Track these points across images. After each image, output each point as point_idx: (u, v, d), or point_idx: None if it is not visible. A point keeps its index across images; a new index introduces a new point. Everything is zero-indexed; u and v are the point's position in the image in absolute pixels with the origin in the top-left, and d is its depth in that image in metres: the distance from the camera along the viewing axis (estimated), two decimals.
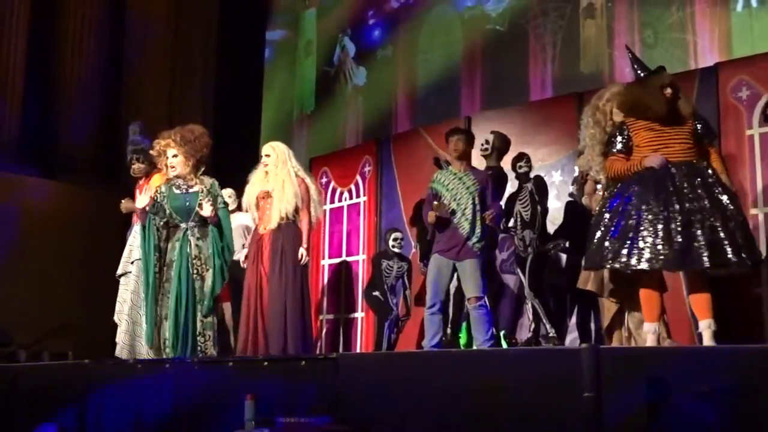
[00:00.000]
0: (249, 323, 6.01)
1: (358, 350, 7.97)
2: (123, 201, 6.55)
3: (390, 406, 3.91)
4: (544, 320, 6.21)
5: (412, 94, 10.20)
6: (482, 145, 6.66)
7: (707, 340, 4.30)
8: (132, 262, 6.36)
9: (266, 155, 6.26)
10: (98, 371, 5.64)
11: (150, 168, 6.59)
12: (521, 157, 6.56)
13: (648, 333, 4.45)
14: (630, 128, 4.61)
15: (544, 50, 8.95)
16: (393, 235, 7.51)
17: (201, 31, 11.92)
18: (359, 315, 8.22)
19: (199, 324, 5.81)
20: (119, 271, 6.47)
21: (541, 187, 6.46)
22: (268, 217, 6.13)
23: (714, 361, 3.13)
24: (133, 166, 6.65)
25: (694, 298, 4.43)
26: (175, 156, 5.92)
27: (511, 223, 6.48)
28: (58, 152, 10.44)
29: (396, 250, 7.45)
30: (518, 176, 6.54)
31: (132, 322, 6.20)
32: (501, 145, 6.73)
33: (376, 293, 7.40)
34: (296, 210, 6.12)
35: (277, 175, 6.17)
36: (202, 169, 6.05)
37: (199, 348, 5.73)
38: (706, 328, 4.32)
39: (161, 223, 5.94)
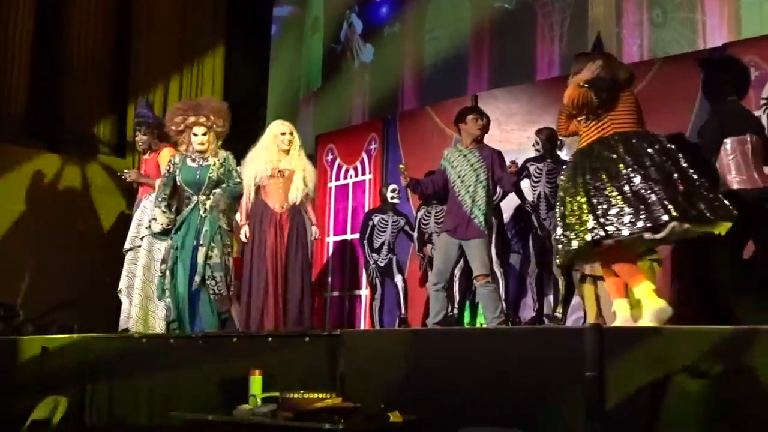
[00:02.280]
0: (266, 300, 5.97)
1: (362, 327, 8.01)
2: (127, 171, 6.64)
3: (393, 382, 3.93)
4: (559, 299, 6.23)
5: (419, 72, 10.16)
6: None
7: (619, 321, 4.17)
8: (142, 237, 6.39)
9: (290, 133, 6.22)
10: (103, 345, 5.67)
11: (152, 140, 6.65)
12: (540, 135, 6.56)
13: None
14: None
15: (552, 29, 8.90)
16: (390, 187, 7.51)
17: (209, 7, 11.86)
18: (363, 292, 8.25)
19: (207, 269, 5.76)
20: (127, 246, 6.51)
21: None
22: (282, 196, 6.10)
23: (716, 341, 3.14)
24: (136, 138, 6.80)
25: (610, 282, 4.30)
26: (204, 134, 5.95)
27: (530, 198, 6.47)
28: (65, 126, 10.43)
29: (395, 201, 7.46)
30: (543, 153, 6.52)
31: (145, 297, 6.24)
32: None
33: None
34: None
35: (298, 157, 6.21)
36: (219, 143, 6.10)
37: (211, 290, 5.74)
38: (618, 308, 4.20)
39: (168, 193, 5.96)
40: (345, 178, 8.77)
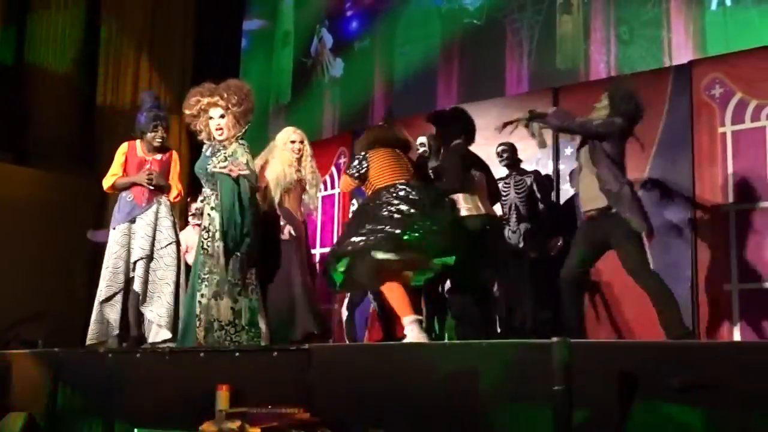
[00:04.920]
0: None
1: (332, 341, 7.97)
2: (153, 174, 5.90)
3: (363, 397, 3.92)
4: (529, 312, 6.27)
5: (389, 87, 10.20)
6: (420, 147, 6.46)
7: (416, 335, 4.74)
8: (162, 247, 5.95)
9: (300, 141, 5.93)
10: (68, 360, 5.59)
11: (167, 137, 6.17)
12: (504, 149, 6.61)
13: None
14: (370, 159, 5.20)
15: (520, 45, 8.99)
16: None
17: (178, 20, 11.82)
18: (333, 306, 8.22)
19: (197, 305, 5.14)
20: (141, 255, 5.90)
21: (541, 182, 6.51)
22: (299, 206, 5.83)
23: (683, 356, 3.17)
24: (155, 133, 6.01)
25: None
26: (222, 117, 5.28)
27: (500, 212, 6.51)
28: (31, 138, 10.33)
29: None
30: (509, 167, 6.59)
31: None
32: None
33: None
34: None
35: (311, 167, 5.91)
36: (242, 132, 5.42)
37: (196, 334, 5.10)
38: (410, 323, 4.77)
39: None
40: None
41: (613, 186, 4.91)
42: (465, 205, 5.60)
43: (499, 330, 6.41)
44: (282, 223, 5.56)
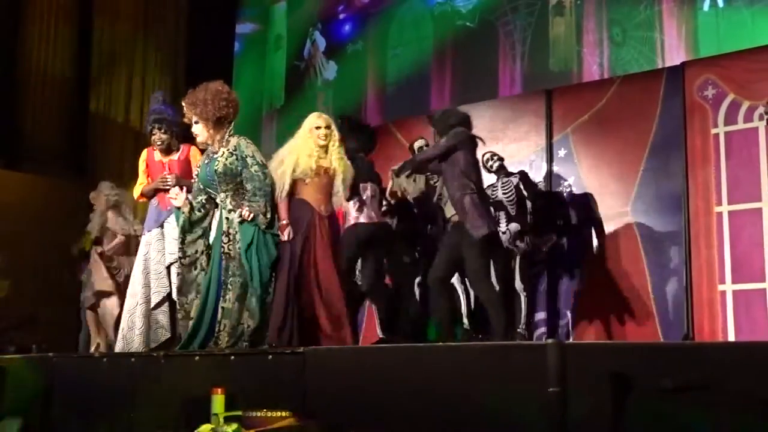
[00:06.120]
0: (317, 311, 5.19)
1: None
2: (168, 178, 5.77)
3: (358, 400, 3.92)
4: (523, 315, 6.30)
5: (382, 89, 10.21)
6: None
7: None
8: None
9: (326, 127, 5.47)
10: (62, 365, 5.58)
11: (171, 140, 5.98)
12: (492, 155, 6.62)
13: None
14: None
15: (513, 47, 9.00)
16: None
17: (171, 24, 11.82)
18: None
19: (219, 311, 5.00)
20: (173, 259, 5.74)
21: (527, 182, 6.53)
22: (323, 198, 5.36)
23: (677, 356, 3.17)
24: (153, 137, 5.93)
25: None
26: (196, 123, 5.19)
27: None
28: (23, 143, 10.31)
29: None
30: (495, 171, 6.59)
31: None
32: None
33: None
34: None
35: (339, 157, 5.45)
36: (230, 129, 5.25)
37: (215, 338, 4.99)
38: None
39: (200, 200, 5.25)
40: None
41: (455, 194, 5.48)
42: (357, 214, 6.07)
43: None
44: (285, 222, 5.14)
